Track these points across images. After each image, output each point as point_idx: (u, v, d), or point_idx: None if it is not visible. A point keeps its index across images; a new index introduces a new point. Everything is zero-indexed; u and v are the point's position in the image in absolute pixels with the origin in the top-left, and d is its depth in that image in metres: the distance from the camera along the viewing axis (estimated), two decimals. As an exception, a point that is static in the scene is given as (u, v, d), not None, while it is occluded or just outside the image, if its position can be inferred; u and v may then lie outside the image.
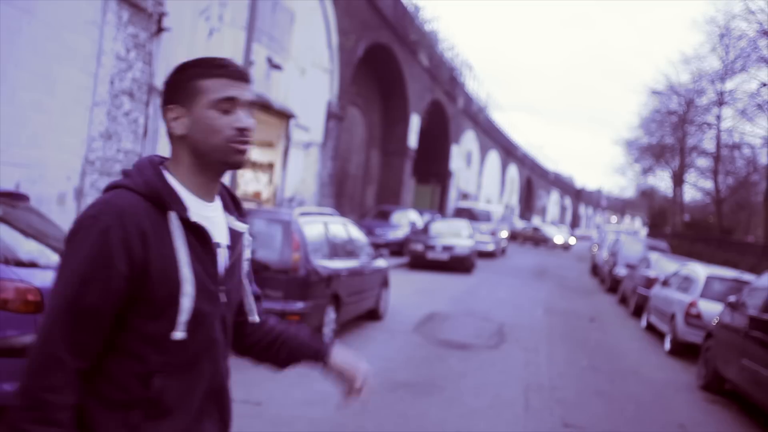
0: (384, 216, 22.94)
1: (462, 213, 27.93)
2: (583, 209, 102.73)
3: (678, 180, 35.89)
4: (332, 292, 7.38)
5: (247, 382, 5.27)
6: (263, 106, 14.02)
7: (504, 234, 30.12)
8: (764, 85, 22.87)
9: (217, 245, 1.56)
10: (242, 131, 1.51)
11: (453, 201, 35.68)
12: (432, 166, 33.51)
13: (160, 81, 10.71)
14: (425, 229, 20.39)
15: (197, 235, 1.49)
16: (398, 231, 21.20)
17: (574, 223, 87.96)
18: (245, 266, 1.69)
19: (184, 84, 1.52)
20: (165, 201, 1.46)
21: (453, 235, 19.62)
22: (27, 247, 4.03)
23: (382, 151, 27.37)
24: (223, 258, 1.57)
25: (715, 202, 31.97)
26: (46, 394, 1.33)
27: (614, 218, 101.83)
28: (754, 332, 6.92)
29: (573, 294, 17.89)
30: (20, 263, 3.80)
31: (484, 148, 44.81)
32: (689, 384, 8.56)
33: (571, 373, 8.19)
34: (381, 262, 9.86)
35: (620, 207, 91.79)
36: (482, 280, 17.76)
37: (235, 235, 1.63)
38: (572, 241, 48.04)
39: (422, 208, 28.73)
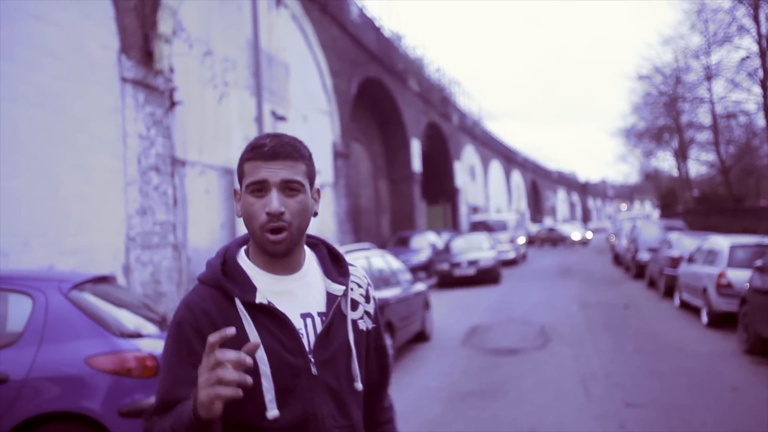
0: (404, 242, 23.37)
1: (478, 226, 28.39)
2: (591, 202, 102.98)
3: (682, 157, 36.25)
4: (386, 320, 7.83)
5: None
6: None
7: (522, 240, 30.50)
8: (748, 57, 23.35)
9: (308, 315, 1.54)
10: (271, 216, 1.46)
11: (464, 216, 36.14)
12: (439, 186, 34.04)
13: (180, 151, 11.30)
14: (447, 248, 20.81)
15: (268, 313, 1.49)
16: (420, 254, 21.61)
17: (586, 217, 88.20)
18: (362, 326, 1.63)
19: (238, 168, 1.55)
20: (226, 289, 1.49)
21: (475, 249, 20.04)
22: (131, 320, 4.51)
23: (389, 179, 27.91)
24: (312, 328, 1.54)
25: (722, 172, 32.27)
26: None
27: (624, 206, 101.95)
28: (787, 289, 7.31)
29: (602, 286, 18.23)
30: (131, 335, 4.28)
31: (485, 159, 45.37)
32: (733, 351, 8.90)
33: (620, 359, 8.56)
34: (420, 286, 10.29)
35: (627, 194, 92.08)
36: (512, 288, 18.13)
37: (332, 300, 1.57)
38: (589, 235, 48.29)
39: (437, 228, 29.18)
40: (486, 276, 19.10)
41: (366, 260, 8.44)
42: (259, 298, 1.49)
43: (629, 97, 41.82)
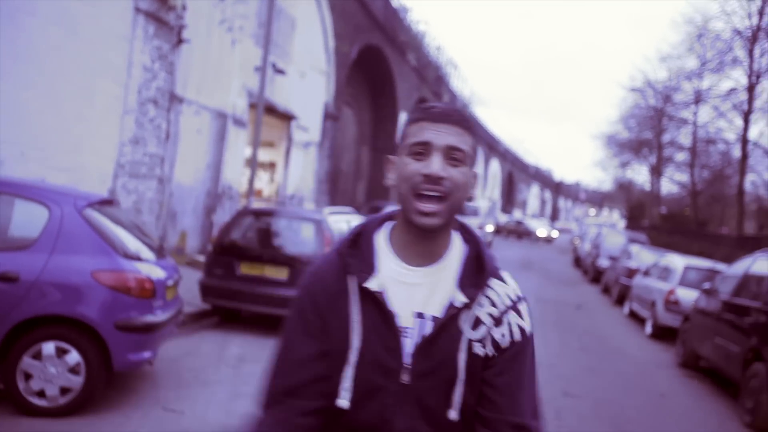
0: (376, 211, 23.77)
1: (450, 208, 28.90)
2: (562, 202, 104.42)
3: (657, 173, 37.16)
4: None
5: (168, 390, 5.66)
6: (268, 108, 14.83)
7: (490, 228, 31.17)
8: (734, 89, 24.06)
9: (422, 316, 1.38)
10: (429, 177, 1.32)
11: (439, 196, 36.66)
12: (419, 162, 34.40)
13: (180, 89, 11.52)
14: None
15: (377, 302, 1.37)
16: (391, 226, 22.04)
17: (554, 216, 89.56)
18: (478, 350, 1.39)
19: (402, 134, 1.43)
20: (345, 263, 1.41)
21: (444, 229, 20.56)
22: (132, 243, 4.89)
23: (373, 148, 28.25)
24: (420, 330, 1.38)
25: (691, 194, 33.27)
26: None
27: (593, 211, 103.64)
28: (726, 314, 7.94)
29: (559, 284, 18.94)
30: (132, 257, 4.67)
31: (468, 143, 45.80)
32: (669, 362, 9.58)
33: (565, 354, 9.17)
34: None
35: (598, 200, 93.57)
36: (473, 272, 18.73)
37: (451, 308, 1.38)
38: (555, 234, 49.33)
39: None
40: (451, 257, 19.64)
41: (346, 223, 8.86)
42: (373, 285, 1.37)
43: (620, 105, 42.49)
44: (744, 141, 23.90)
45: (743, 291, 7.82)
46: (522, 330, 1.43)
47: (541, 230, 46.15)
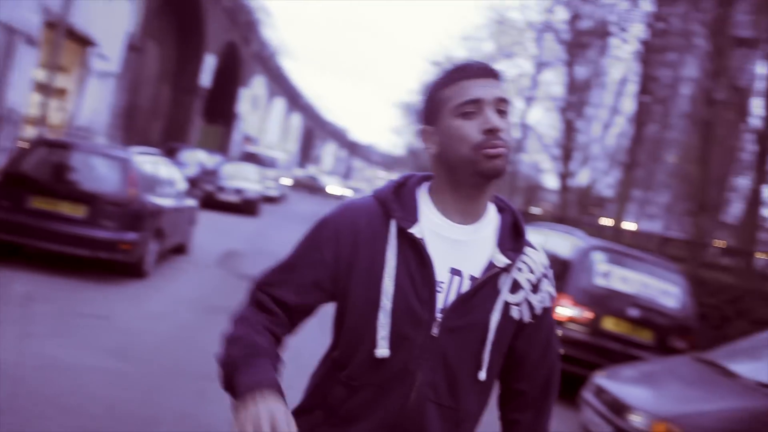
0: (172, 153, 22.94)
1: (249, 158, 28.75)
2: (356, 162, 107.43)
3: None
4: (157, 226, 8.17)
5: (94, 297, 5.97)
6: (65, 30, 13.69)
7: (286, 181, 31.46)
8: (521, 75, 26.53)
9: (456, 272, 1.39)
10: (491, 132, 1.34)
11: (237, 144, 36.14)
12: (220, 107, 33.59)
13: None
14: (215, 171, 20.99)
15: (416, 250, 1.37)
16: (187, 170, 21.46)
17: (347, 175, 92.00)
18: (515, 313, 1.43)
19: (429, 101, 1.43)
20: (389, 207, 1.40)
21: (242, 178, 20.53)
22: None
23: (174, 87, 27.08)
24: (456, 287, 1.39)
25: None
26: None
27: (383, 173, 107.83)
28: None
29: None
30: None
31: (272, 93, 45.47)
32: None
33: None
34: (191, 201, 10.66)
35: (390, 163, 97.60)
36: (269, 224, 18.98)
37: (491, 269, 1.40)
38: (347, 192, 50.86)
39: (209, 148, 28.95)
40: (248, 207, 19.72)
41: (151, 164, 8.63)
42: (415, 231, 1.38)
43: (421, 77, 44.60)
44: (525, 125, 26.49)
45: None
46: (551, 297, 1.51)
47: (333, 187, 47.37)
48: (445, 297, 1.38)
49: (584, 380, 6.03)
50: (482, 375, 1.41)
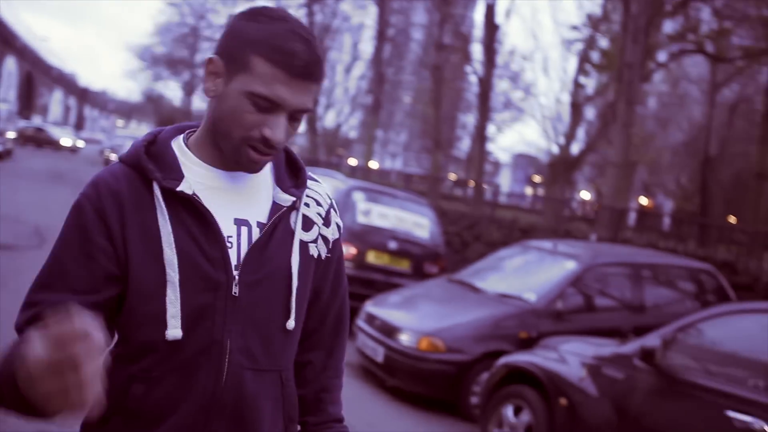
0: None
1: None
2: (88, 111, 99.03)
3: (189, 91, 38.35)
4: None
5: None
6: None
7: (11, 135, 28.21)
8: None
9: (245, 223, 1.26)
10: (266, 142, 1.19)
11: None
12: None
13: None
14: None
15: (190, 208, 1.22)
16: None
17: (80, 125, 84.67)
18: (313, 251, 1.34)
19: (239, 47, 1.19)
20: (144, 168, 1.23)
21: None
22: None
23: None
24: (246, 239, 1.26)
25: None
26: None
27: (121, 122, 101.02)
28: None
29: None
30: None
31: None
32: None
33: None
34: None
35: (127, 111, 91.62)
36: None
37: (277, 210, 1.29)
38: (80, 143, 46.99)
39: None
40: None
41: None
42: (183, 187, 1.21)
43: (156, 18, 42.14)
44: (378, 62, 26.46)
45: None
46: (340, 228, 1.42)
47: (66, 139, 43.49)
48: (237, 251, 1.25)
49: (355, 311, 6.60)
50: (291, 324, 1.29)
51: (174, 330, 1.18)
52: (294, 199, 1.30)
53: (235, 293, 1.22)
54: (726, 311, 3.73)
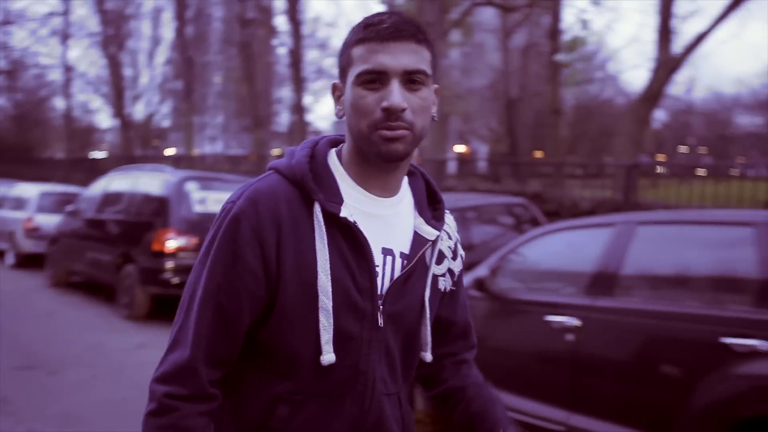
0: None
1: None
2: None
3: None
4: None
5: None
6: None
7: None
8: (52, 13, 24.63)
9: (388, 251, 1.24)
10: (389, 111, 1.14)
11: None
12: None
13: None
14: None
15: (348, 235, 1.20)
16: None
17: None
18: (441, 285, 1.35)
19: (343, 52, 1.22)
20: (308, 187, 1.19)
21: None
22: None
23: None
24: (390, 269, 1.25)
25: (13, 120, 32.65)
26: (176, 402, 1.16)
27: None
28: (94, 230, 8.95)
29: None
30: None
31: None
32: (41, 286, 10.12)
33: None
34: None
35: None
36: None
37: (420, 243, 1.27)
38: None
39: None
40: None
41: None
42: (345, 213, 1.18)
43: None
44: (66, 66, 24.84)
45: (106, 207, 8.92)
46: (462, 259, 1.42)
47: None
48: (381, 281, 1.23)
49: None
50: (427, 357, 1.33)
51: (329, 355, 1.18)
52: (438, 233, 1.30)
53: (380, 324, 1.23)
54: (537, 234, 4.30)
